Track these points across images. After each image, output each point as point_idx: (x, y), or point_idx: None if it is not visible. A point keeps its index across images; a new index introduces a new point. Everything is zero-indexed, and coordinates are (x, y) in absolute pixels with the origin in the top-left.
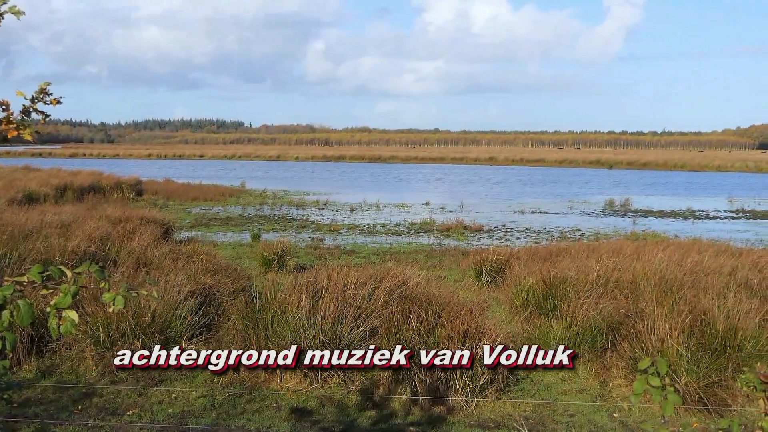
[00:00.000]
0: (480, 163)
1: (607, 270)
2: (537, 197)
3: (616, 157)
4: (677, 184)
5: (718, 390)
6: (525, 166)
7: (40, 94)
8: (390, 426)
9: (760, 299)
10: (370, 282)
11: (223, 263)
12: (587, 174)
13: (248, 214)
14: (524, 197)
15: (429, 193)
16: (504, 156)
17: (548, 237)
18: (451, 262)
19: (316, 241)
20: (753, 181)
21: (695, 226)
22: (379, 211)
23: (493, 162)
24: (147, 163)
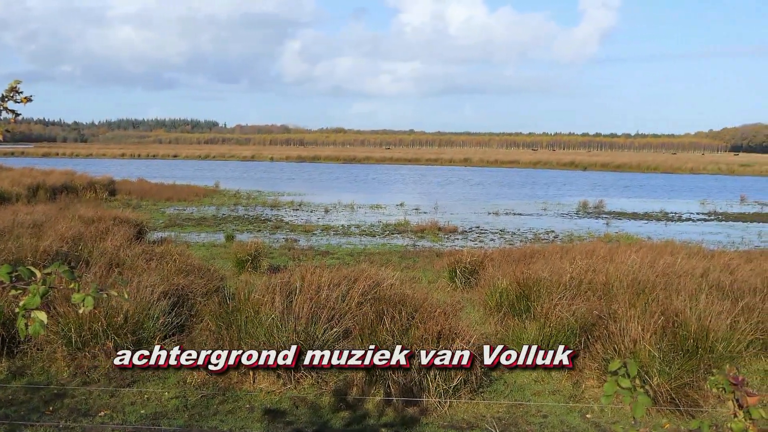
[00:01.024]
0: (455, 165)
1: (581, 272)
2: (512, 199)
3: (590, 159)
4: (654, 186)
5: (689, 391)
6: (499, 167)
7: (10, 93)
8: (363, 427)
9: (732, 301)
10: (344, 283)
11: (197, 264)
12: (565, 176)
13: (222, 214)
14: (501, 199)
15: (406, 194)
16: (479, 157)
17: (522, 239)
18: (425, 263)
19: (290, 241)
20: (725, 184)
21: (668, 228)
22: (353, 212)
23: (467, 163)
24: (120, 163)
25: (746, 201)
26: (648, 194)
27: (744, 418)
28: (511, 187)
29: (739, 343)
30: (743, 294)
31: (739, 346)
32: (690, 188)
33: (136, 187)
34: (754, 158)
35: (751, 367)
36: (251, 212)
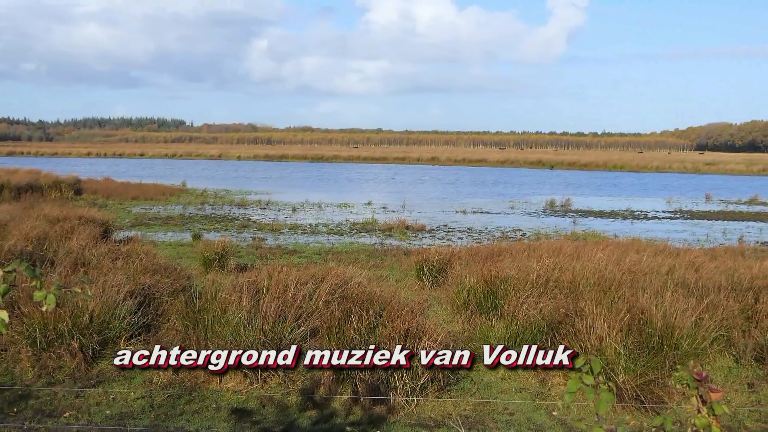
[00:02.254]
0: (422, 163)
1: (548, 269)
2: (480, 197)
3: (557, 158)
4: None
5: (655, 388)
6: (467, 166)
7: None
8: (331, 426)
9: (697, 298)
10: (311, 282)
11: (163, 263)
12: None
13: (189, 213)
14: (470, 197)
15: (375, 193)
16: (446, 156)
17: (490, 237)
18: (393, 261)
19: (257, 240)
20: (690, 182)
21: (634, 226)
22: (321, 211)
23: (435, 162)
24: (87, 162)
25: (711, 199)
26: (616, 192)
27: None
28: (485, 185)
29: (703, 340)
30: (708, 291)
31: (703, 343)
32: (656, 186)
33: (102, 186)
34: (719, 157)
35: (716, 363)
36: (218, 211)
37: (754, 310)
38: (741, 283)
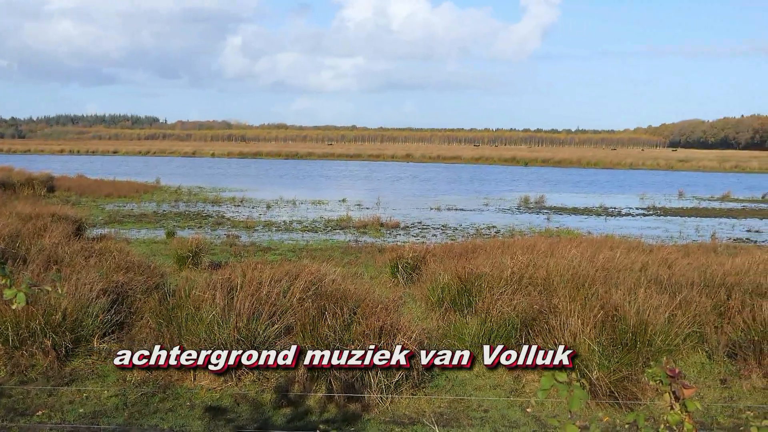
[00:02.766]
0: (397, 160)
1: (522, 266)
2: (454, 194)
3: (531, 155)
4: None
5: (628, 384)
6: (442, 163)
7: None
8: (305, 423)
9: (670, 295)
10: (285, 279)
11: (137, 260)
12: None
13: (163, 210)
14: (444, 194)
15: (350, 190)
16: (420, 153)
17: (464, 234)
18: (367, 258)
19: (231, 238)
20: (664, 179)
21: (608, 223)
22: (295, 208)
23: (409, 159)
24: (59, 159)
25: (684, 196)
26: (592, 189)
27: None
28: (461, 183)
29: (676, 336)
30: (681, 288)
31: (676, 340)
32: (631, 183)
33: (75, 183)
34: (692, 154)
35: (688, 360)
36: (192, 208)
37: (727, 306)
38: (713, 280)
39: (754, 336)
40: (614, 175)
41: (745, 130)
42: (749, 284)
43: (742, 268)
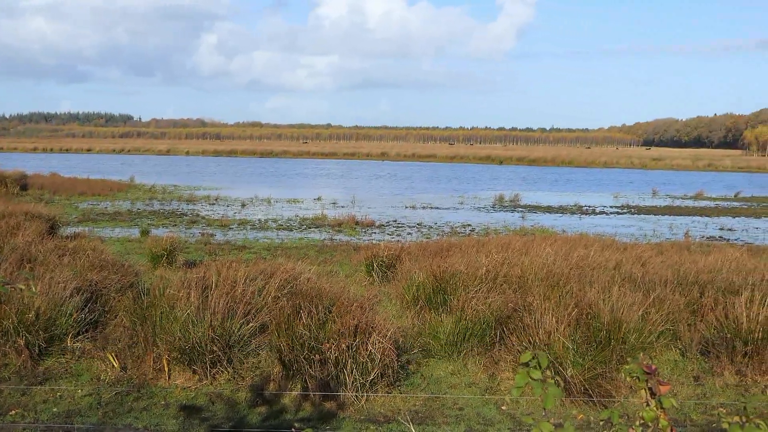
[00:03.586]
0: (372, 159)
1: (496, 265)
2: (430, 193)
3: (506, 153)
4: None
5: (602, 382)
6: (417, 161)
7: None
8: (281, 422)
9: (643, 293)
10: (260, 277)
11: (111, 259)
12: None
13: (137, 209)
14: (420, 193)
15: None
16: (396, 151)
17: (439, 232)
18: (343, 257)
19: (206, 236)
20: (637, 178)
21: (582, 222)
22: (270, 207)
23: (385, 157)
24: (33, 157)
25: (658, 194)
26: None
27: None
28: (440, 181)
29: (650, 334)
30: (654, 286)
31: (650, 337)
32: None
33: (49, 181)
34: (666, 152)
35: (662, 357)
36: (167, 207)
37: (700, 303)
38: (687, 278)
39: (727, 333)
40: (590, 174)
41: (718, 128)
42: (722, 282)
43: (715, 266)
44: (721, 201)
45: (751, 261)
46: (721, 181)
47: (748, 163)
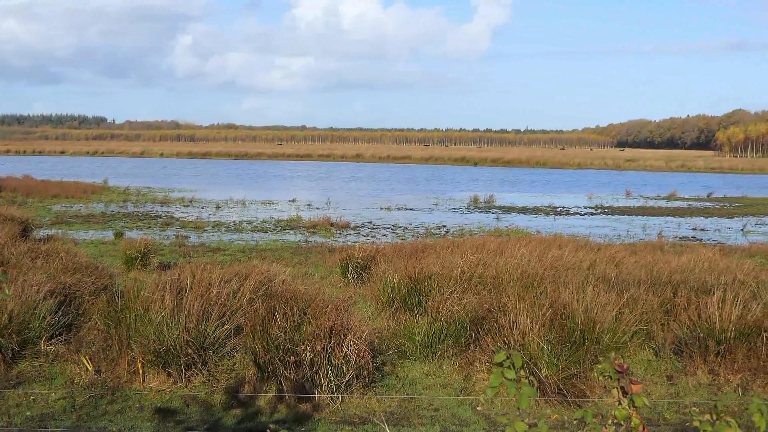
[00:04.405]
0: (347, 161)
1: (471, 266)
2: (405, 194)
3: (480, 155)
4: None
5: (577, 382)
6: (392, 163)
7: None
8: (256, 424)
9: (617, 293)
10: (235, 280)
11: (85, 262)
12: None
13: (111, 211)
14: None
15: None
16: (371, 153)
17: (414, 234)
18: (318, 259)
19: (180, 238)
20: (611, 179)
21: (556, 222)
22: (245, 209)
23: (359, 159)
24: (5, 160)
25: (631, 195)
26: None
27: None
28: (418, 183)
29: (624, 334)
30: (628, 286)
31: (624, 337)
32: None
33: (22, 183)
34: (639, 153)
35: (636, 357)
36: (141, 209)
37: (673, 303)
38: (660, 278)
39: (700, 333)
40: (567, 175)
41: (691, 130)
42: (695, 282)
43: (688, 266)
44: (693, 201)
45: (723, 261)
46: (695, 181)
47: (721, 164)
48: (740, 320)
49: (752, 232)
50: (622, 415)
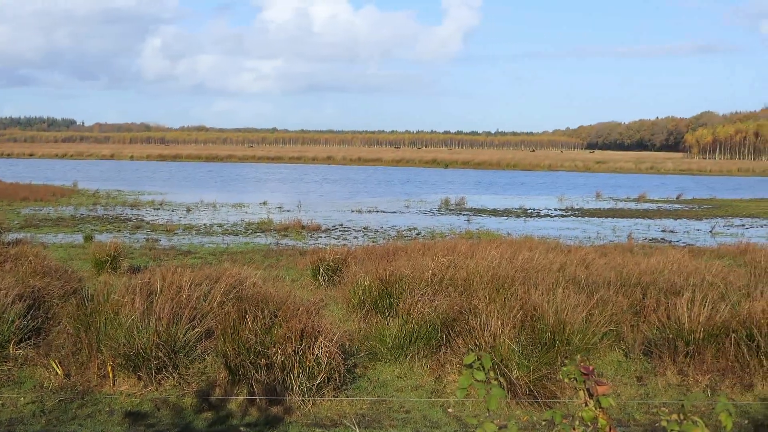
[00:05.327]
0: (318, 163)
1: (442, 268)
2: (376, 196)
3: (451, 157)
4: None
5: (547, 383)
6: (363, 165)
7: None
8: (227, 427)
9: (587, 294)
10: (205, 282)
11: (54, 265)
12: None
13: (81, 214)
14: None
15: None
16: (342, 155)
17: (385, 236)
18: (289, 261)
19: (151, 241)
20: (581, 181)
21: (527, 224)
22: (216, 211)
23: (330, 161)
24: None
25: (601, 197)
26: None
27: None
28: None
29: (594, 335)
30: (598, 287)
31: (594, 338)
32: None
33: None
34: (609, 155)
35: (606, 358)
36: (111, 212)
37: (642, 305)
38: (630, 279)
39: (669, 334)
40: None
41: (660, 132)
42: (664, 283)
43: (657, 267)
44: (663, 203)
45: (692, 262)
46: (664, 183)
47: (689, 166)
48: (709, 321)
49: (721, 233)
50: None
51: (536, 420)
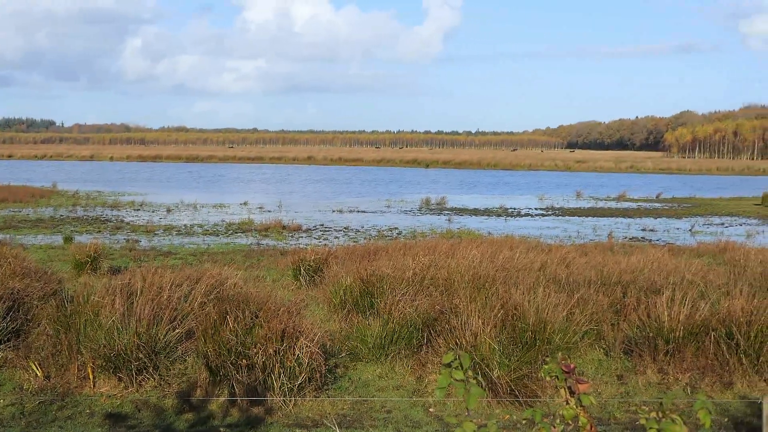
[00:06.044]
0: (299, 163)
1: (423, 267)
2: (357, 196)
3: (432, 157)
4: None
5: (528, 382)
6: (344, 165)
7: None
8: (208, 428)
9: (568, 293)
10: (186, 283)
11: (33, 266)
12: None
13: (60, 215)
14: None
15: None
16: (322, 155)
17: (366, 236)
18: (270, 262)
19: (131, 242)
20: (562, 180)
21: (508, 224)
22: (196, 212)
23: (311, 161)
24: None
25: (582, 196)
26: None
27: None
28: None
29: (574, 334)
30: (579, 286)
31: (574, 337)
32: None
33: None
34: (589, 155)
35: (586, 357)
36: (91, 213)
37: (623, 304)
38: (610, 278)
39: (649, 332)
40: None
41: (640, 131)
42: (644, 282)
43: (637, 266)
44: (643, 202)
45: (671, 261)
46: (645, 182)
47: (669, 165)
48: (689, 320)
49: (700, 232)
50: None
51: (517, 419)
